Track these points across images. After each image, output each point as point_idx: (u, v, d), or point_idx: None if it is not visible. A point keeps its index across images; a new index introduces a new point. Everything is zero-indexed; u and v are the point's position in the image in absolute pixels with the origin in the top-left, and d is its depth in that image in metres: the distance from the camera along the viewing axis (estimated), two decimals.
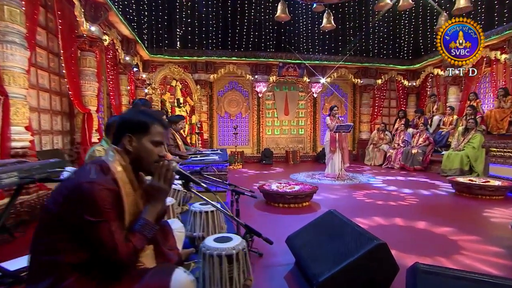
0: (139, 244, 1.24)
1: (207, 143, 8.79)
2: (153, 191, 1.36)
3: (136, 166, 1.37)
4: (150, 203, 1.36)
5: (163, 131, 1.44)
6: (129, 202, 1.31)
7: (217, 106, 9.08)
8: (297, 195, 4.13)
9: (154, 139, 1.38)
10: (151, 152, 1.37)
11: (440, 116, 7.64)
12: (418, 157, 7.02)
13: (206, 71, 8.46)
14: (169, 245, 1.65)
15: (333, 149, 6.26)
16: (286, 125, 9.46)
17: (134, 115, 1.41)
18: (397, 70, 9.28)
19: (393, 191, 5.07)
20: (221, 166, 3.58)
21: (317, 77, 8.83)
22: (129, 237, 1.23)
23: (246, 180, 6.15)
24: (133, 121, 1.38)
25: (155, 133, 1.40)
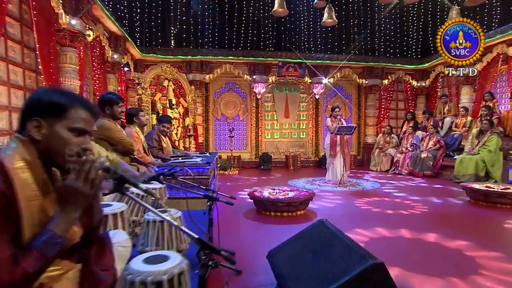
0: (34, 267, 0.92)
1: (202, 147, 8.58)
2: (67, 194, 1.04)
3: (48, 161, 1.07)
4: (62, 209, 1.04)
5: (87, 118, 1.13)
6: (31, 209, 1.00)
7: (213, 108, 8.90)
8: (291, 202, 3.83)
9: (73, 125, 1.08)
10: (66, 142, 1.07)
11: (452, 117, 7.38)
12: (428, 162, 6.75)
13: (201, 71, 8.29)
14: (103, 264, 1.32)
15: (333, 153, 5.99)
16: (286, 129, 9.28)
17: (46, 93, 1.10)
18: (405, 69, 9.06)
19: (399, 199, 4.75)
20: (202, 169, 3.26)
21: (319, 78, 8.63)
22: (19, 258, 0.91)
23: (239, 186, 5.90)
24: (43, 101, 1.08)
25: (76, 118, 1.09)
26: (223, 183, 6.21)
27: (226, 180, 6.73)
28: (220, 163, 7.86)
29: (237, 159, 8.45)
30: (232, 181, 6.63)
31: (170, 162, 3.47)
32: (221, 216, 3.84)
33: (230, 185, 6.02)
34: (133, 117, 3.82)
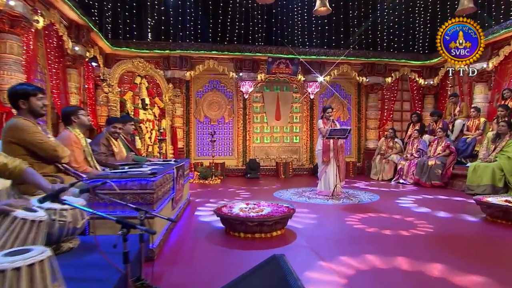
0: None
1: (182, 153, 8.16)
2: None
3: None
4: None
5: None
6: None
7: (195, 109, 8.56)
8: (264, 221, 3.31)
9: None
10: None
11: (463, 119, 6.95)
12: (436, 170, 6.36)
13: (181, 67, 7.94)
14: None
15: (326, 159, 5.52)
16: (277, 132, 9.01)
17: None
18: (411, 66, 8.81)
19: (400, 215, 4.21)
20: (145, 181, 2.70)
21: (314, 75, 8.35)
22: None
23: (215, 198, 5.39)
24: None
25: None
26: (196, 195, 5.74)
27: (204, 190, 6.27)
28: (200, 171, 7.39)
29: (220, 166, 8.06)
30: (209, 192, 6.16)
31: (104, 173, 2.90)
32: (179, 240, 3.32)
33: (202, 198, 5.53)
34: (71, 117, 3.29)
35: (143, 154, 6.53)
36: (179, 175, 4.02)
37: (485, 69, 6.67)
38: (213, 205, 4.78)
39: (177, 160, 4.44)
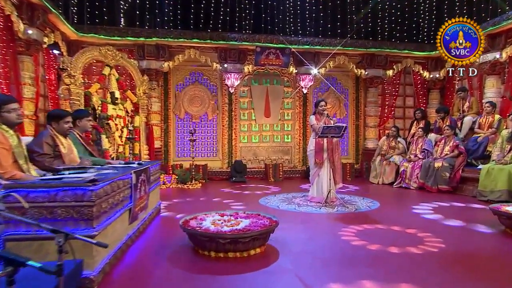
0: None
1: (159, 153, 7.75)
2: None
3: None
4: None
5: None
6: None
7: (174, 105, 8.19)
8: (238, 238, 2.90)
9: None
10: None
11: (473, 116, 6.76)
12: (444, 173, 6.14)
13: (158, 57, 7.55)
14: None
15: (319, 161, 5.18)
16: (267, 131, 8.74)
17: None
18: (414, 57, 8.63)
19: (403, 226, 3.81)
20: (81, 191, 2.23)
21: (308, 67, 8.07)
22: None
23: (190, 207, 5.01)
24: None
25: None
26: (170, 203, 5.33)
27: (180, 197, 5.88)
28: (178, 174, 7.00)
29: (202, 168, 7.70)
30: (185, 199, 5.76)
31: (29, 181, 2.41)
32: (136, 261, 2.85)
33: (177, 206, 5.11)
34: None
35: (113, 155, 6.07)
36: (141, 180, 3.56)
37: (497, 60, 6.43)
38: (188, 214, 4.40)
39: (141, 163, 3.97)
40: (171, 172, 7.28)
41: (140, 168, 3.52)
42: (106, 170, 3.10)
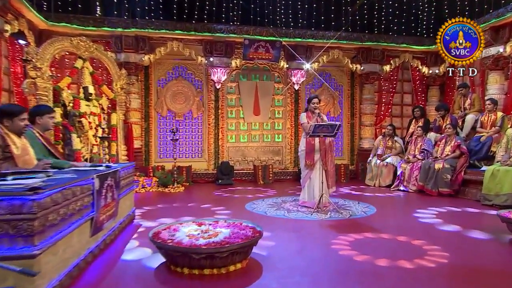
0: None
1: (139, 154, 7.51)
2: None
3: None
4: None
5: None
6: None
7: (156, 102, 7.96)
8: (215, 252, 2.62)
9: None
10: None
11: (475, 114, 6.68)
12: (445, 175, 6.03)
13: (138, 49, 7.32)
14: None
15: (310, 162, 5.00)
16: (256, 130, 8.60)
17: None
18: (413, 51, 8.62)
19: (404, 236, 3.58)
20: (19, 201, 1.91)
21: (300, 62, 7.97)
22: None
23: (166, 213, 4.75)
24: None
25: None
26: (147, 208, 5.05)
27: (159, 202, 5.63)
28: (158, 177, 6.80)
29: (186, 170, 7.49)
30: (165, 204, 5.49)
31: None
32: (95, 282, 2.55)
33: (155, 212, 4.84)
34: None
35: (86, 156, 5.75)
36: (107, 185, 3.24)
37: (501, 54, 6.37)
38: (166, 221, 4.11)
39: (109, 166, 3.65)
40: (152, 174, 6.97)
41: (105, 172, 3.20)
42: (62, 174, 2.78)
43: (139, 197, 5.96)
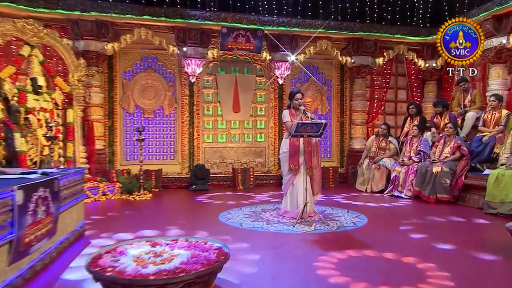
0: None
1: (102, 156, 7.13)
2: None
3: None
4: None
5: None
6: None
7: (121, 96, 7.64)
8: (166, 284, 2.21)
9: None
10: None
11: (476, 112, 6.65)
12: (444, 180, 5.92)
13: (99, 36, 6.93)
14: None
15: (294, 166, 4.77)
16: (236, 128, 8.46)
17: None
18: (408, 43, 8.57)
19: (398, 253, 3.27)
20: None
21: (284, 53, 7.77)
22: None
23: (123, 228, 4.36)
24: None
25: None
26: (103, 221, 4.68)
27: (119, 211, 5.32)
28: (122, 183, 6.45)
29: (155, 174, 7.19)
30: (125, 215, 5.16)
31: None
32: None
33: (111, 225, 4.42)
34: None
35: (35, 159, 5.32)
36: (40, 198, 2.76)
37: (504, 45, 6.30)
38: (122, 236, 3.79)
39: (46, 172, 3.18)
40: (116, 179, 6.56)
41: (34, 182, 2.73)
42: None
43: (98, 206, 5.58)
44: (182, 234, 3.83)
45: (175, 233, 3.93)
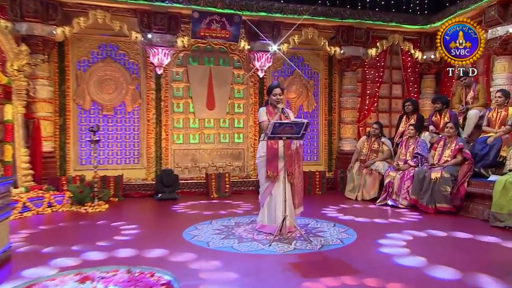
0: None
1: (51, 161, 6.84)
2: None
3: None
4: None
5: None
6: None
7: (75, 90, 7.41)
8: None
9: None
10: None
11: (480, 109, 6.64)
12: (444, 187, 5.83)
13: (46, 19, 6.61)
14: None
15: (272, 173, 4.58)
16: (211, 128, 8.37)
17: None
18: (404, 32, 8.60)
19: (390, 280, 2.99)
20: None
21: (265, 42, 7.72)
22: None
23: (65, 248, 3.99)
24: None
25: None
26: (34, 243, 4.24)
27: (63, 229, 4.95)
28: (72, 192, 6.10)
29: (114, 181, 6.91)
30: (69, 232, 4.83)
31: None
32: None
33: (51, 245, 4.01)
34: None
35: None
36: None
37: (510, 34, 6.28)
38: (59, 262, 3.39)
39: None
40: (66, 188, 6.24)
41: None
42: None
43: (40, 221, 5.19)
44: (133, 256, 3.52)
45: (125, 255, 3.58)
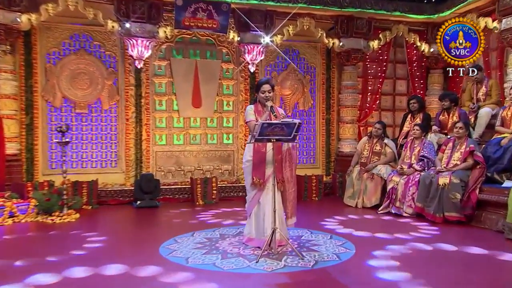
0: None
1: (17, 165, 6.70)
2: None
3: None
4: None
5: None
6: None
7: (44, 85, 7.30)
8: None
9: None
10: None
11: (492, 107, 6.60)
12: (453, 194, 5.71)
13: (9, 5, 6.45)
14: None
15: (258, 180, 4.49)
16: (197, 127, 8.32)
17: None
18: (409, 22, 8.55)
19: None
20: None
21: (256, 34, 7.64)
22: None
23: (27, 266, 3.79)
24: None
25: None
26: None
27: (22, 244, 4.79)
28: (38, 200, 5.90)
29: (88, 187, 6.79)
30: (26, 248, 4.61)
31: None
32: None
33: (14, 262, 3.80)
34: None
35: None
36: None
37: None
38: None
39: None
40: (31, 195, 6.09)
41: None
42: None
43: None
44: (91, 277, 3.27)
45: (81, 275, 3.34)
